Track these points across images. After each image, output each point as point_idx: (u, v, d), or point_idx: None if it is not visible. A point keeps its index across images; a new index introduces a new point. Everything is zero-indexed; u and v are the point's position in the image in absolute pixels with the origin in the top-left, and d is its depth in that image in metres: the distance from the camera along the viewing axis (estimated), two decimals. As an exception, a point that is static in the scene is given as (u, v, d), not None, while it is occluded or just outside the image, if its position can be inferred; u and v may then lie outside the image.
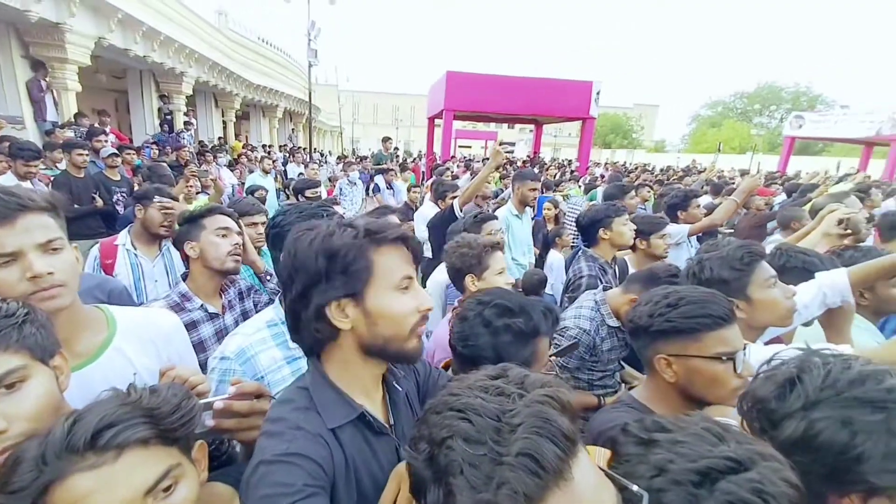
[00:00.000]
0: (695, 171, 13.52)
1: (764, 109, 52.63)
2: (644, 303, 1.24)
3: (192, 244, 1.84)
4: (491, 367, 0.65)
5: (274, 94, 19.56)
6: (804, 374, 0.76)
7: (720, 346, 1.11)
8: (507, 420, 0.53)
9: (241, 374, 1.25)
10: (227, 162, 9.67)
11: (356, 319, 0.85)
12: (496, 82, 12.67)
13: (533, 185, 3.72)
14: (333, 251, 0.82)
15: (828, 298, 1.52)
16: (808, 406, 0.73)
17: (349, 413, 0.86)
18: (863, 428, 0.69)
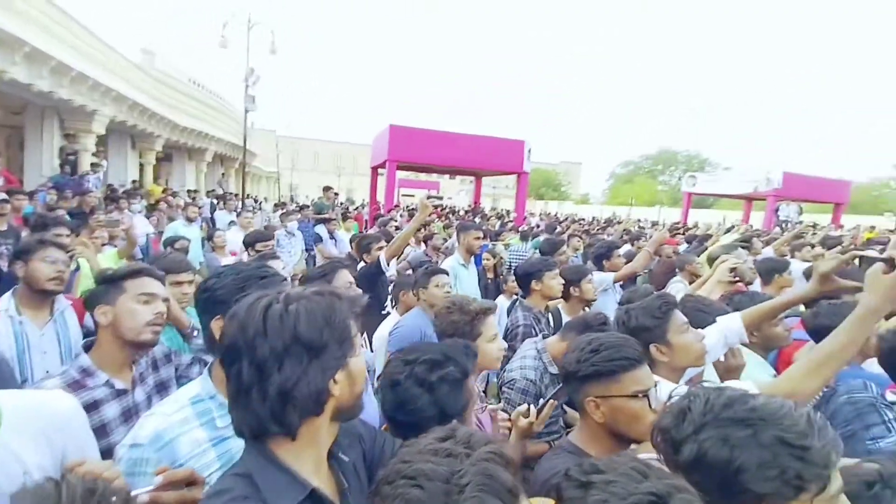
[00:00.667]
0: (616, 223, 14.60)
1: (665, 169, 58.91)
2: (572, 350, 1.35)
3: (105, 309, 1.54)
4: (439, 429, 0.67)
5: (203, 137, 18.74)
6: (691, 403, 0.86)
7: (635, 385, 1.24)
8: (456, 481, 0.56)
9: (157, 462, 1.05)
10: (143, 208, 8.89)
11: (343, 386, 0.83)
12: (437, 137, 13.19)
13: (477, 235, 4.00)
14: (337, 324, 0.82)
15: (728, 339, 1.76)
16: (697, 430, 0.82)
17: (299, 493, 0.79)
18: (737, 443, 0.78)
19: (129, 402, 1.56)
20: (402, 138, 12.82)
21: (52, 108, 10.97)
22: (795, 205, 18.35)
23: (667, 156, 59.17)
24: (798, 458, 0.76)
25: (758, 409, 0.82)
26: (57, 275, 2.12)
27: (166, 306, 1.65)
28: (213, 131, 19.21)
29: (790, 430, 0.78)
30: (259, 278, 1.27)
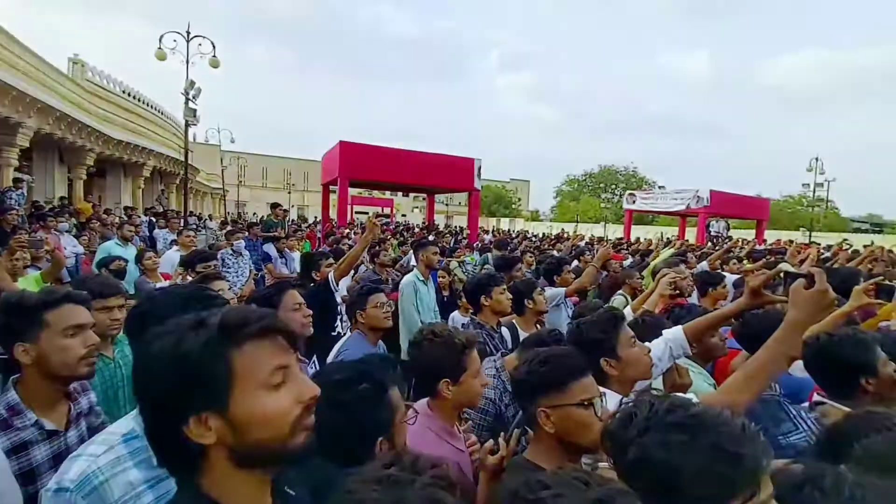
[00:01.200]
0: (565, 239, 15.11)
1: (607, 187, 61.85)
2: (522, 363, 1.39)
3: (25, 347, 1.36)
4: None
5: (140, 152, 17.71)
6: (637, 409, 0.91)
7: (582, 394, 1.28)
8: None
9: None
10: (72, 227, 8.20)
11: (222, 432, 0.71)
12: (387, 154, 13.22)
13: (435, 251, 4.13)
14: (184, 359, 0.69)
15: (674, 352, 1.84)
16: (641, 433, 0.86)
17: None
18: (675, 447, 0.82)
19: (61, 444, 1.41)
20: (353, 155, 12.73)
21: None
22: (724, 221, 19.84)
23: (607, 174, 62.17)
24: (732, 464, 0.79)
25: (698, 415, 0.86)
26: None
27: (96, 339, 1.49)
28: (150, 145, 18.20)
29: (725, 437, 0.81)
30: (197, 300, 1.19)
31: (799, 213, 41.74)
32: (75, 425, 1.48)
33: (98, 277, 2.31)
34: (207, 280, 2.74)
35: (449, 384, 1.60)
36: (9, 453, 1.29)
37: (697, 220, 20.26)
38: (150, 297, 1.23)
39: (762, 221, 21.98)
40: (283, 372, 0.74)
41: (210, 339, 0.70)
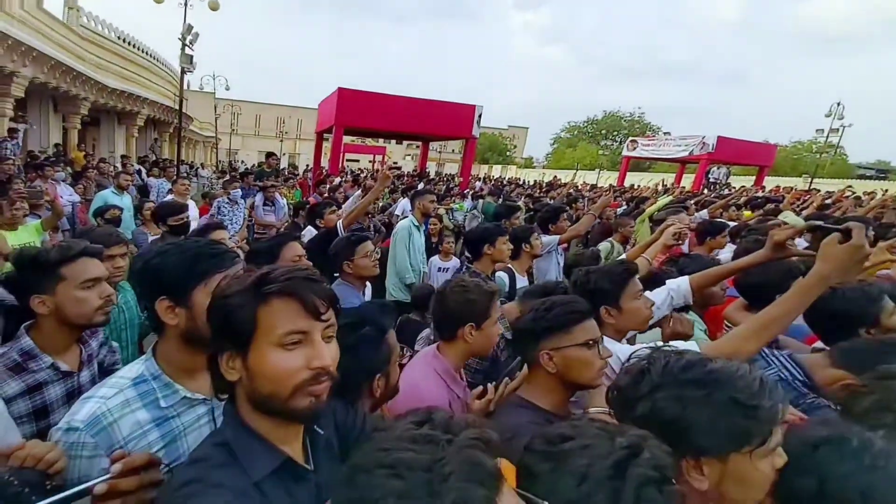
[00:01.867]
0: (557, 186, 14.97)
1: (609, 133, 60.34)
2: (527, 312, 1.43)
3: (42, 299, 1.41)
4: (415, 413, 0.64)
5: (135, 100, 17.13)
6: (651, 365, 0.91)
7: (586, 335, 1.32)
8: (439, 470, 0.53)
9: (94, 446, 1.00)
10: (67, 175, 8.09)
11: (242, 374, 0.81)
12: (387, 101, 12.82)
13: (431, 198, 4.32)
14: (219, 304, 0.81)
15: (674, 301, 1.89)
16: (654, 389, 0.87)
17: (273, 460, 0.81)
18: (690, 402, 0.83)
19: (74, 383, 1.49)
20: (351, 102, 12.37)
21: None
22: (725, 168, 19.50)
23: (611, 120, 60.25)
24: (748, 417, 0.81)
25: (714, 372, 0.86)
26: None
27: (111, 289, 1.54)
28: (145, 94, 17.58)
29: (743, 391, 0.82)
30: (210, 256, 1.17)
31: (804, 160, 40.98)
32: (87, 366, 1.55)
33: (100, 229, 2.33)
34: (209, 230, 2.74)
35: (473, 328, 1.68)
36: (24, 394, 1.37)
37: (697, 167, 19.90)
38: (159, 252, 1.18)
39: (764, 168, 21.61)
40: (299, 336, 0.79)
41: (243, 290, 0.79)
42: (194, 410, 1.16)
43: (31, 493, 0.78)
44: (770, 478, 0.84)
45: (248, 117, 47.61)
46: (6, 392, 1.30)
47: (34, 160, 8.54)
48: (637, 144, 23.60)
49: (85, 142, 16.60)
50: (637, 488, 0.62)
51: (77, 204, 6.45)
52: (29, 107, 12.77)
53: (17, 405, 1.35)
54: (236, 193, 6.11)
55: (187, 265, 1.14)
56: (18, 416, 1.34)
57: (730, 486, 0.84)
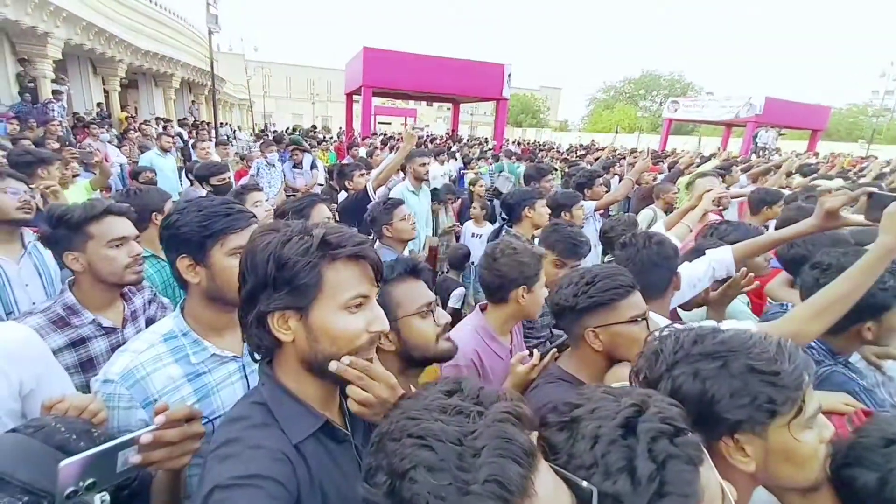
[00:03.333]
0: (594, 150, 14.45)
1: (647, 94, 57.32)
2: (565, 285, 1.32)
3: (74, 256, 1.45)
4: (444, 382, 0.62)
5: (168, 62, 17.32)
6: (663, 343, 0.88)
7: (633, 310, 1.25)
8: (470, 443, 0.51)
9: (129, 398, 1.06)
10: (113, 137, 8.34)
11: (297, 333, 0.79)
12: (413, 60, 12.55)
13: (422, 161, 3.95)
14: (284, 261, 0.76)
15: (717, 272, 1.77)
16: (670, 367, 0.84)
17: (313, 423, 0.81)
18: (708, 375, 0.80)
19: (119, 338, 1.54)
20: (377, 62, 12.15)
21: None
22: (773, 131, 18.31)
23: (650, 80, 57.08)
24: (769, 383, 0.77)
25: (726, 341, 0.83)
26: (23, 204, 1.98)
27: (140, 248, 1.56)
28: (177, 55, 17.71)
29: (759, 357, 0.79)
30: (224, 215, 1.18)
31: (860, 124, 38.07)
32: (132, 322, 1.60)
33: (152, 190, 2.41)
34: (246, 190, 2.80)
35: (525, 290, 1.69)
36: (68, 347, 1.43)
37: (745, 131, 18.73)
38: (178, 210, 1.22)
39: (817, 132, 20.19)
40: (360, 300, 0.80)
41: (309, 249, 0.77)
42: (225, 367, 1.19)
43: (77, 439, 0.81)
44: (820, 452, 0.80)
45: (278, 80, 47.51)
46: (50, 345, 1.35)
47: (80, 122, 8.80)
48: (678, 106, 22.31)
49: (126, 104, 16.99)
50: (649, 443, 0.61)
51: (125, 165, 6.67)
52: (69, 69, 13.06)
53: (63, 357, 1.41)
54: (273, 157, 6.19)
55: (203, 224, 1.15)
56: (66, 367, 1.40)
57: (778, 465, 0.80)
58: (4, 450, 0.75)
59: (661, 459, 0.60)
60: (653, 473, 0.59)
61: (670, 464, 0.60)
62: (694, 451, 0.62)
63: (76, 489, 0.73)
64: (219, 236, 1.16)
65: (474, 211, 4.58)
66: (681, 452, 0.61)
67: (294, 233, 0.79)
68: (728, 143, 20.95)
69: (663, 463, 0.60)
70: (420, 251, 3.86)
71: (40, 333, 1.36)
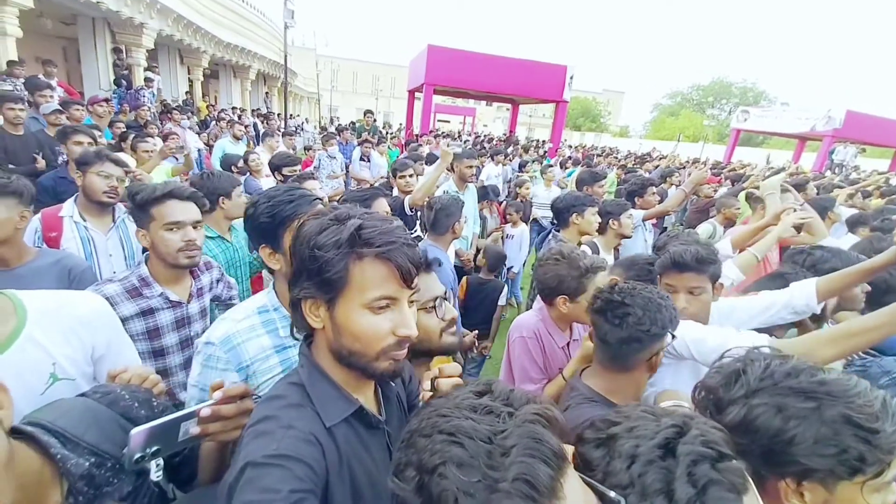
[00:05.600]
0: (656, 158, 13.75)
1: (716, 102, 54.06)
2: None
3: (143, 233, 1.57)
4: (475, 383, 0.62)
5: (246, 55, 18.26)
6: (748, 366, 0.81)
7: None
8: (500, 442, 0.51)
9: (226, 361, 1.14)
10: (194, 124, 8.90)
11: (326, 324, 0.79)
12: (476, 59, 12.51)
13: (469, 163, 3.88)
14: (315, 248, 0.75)
15: (796, 308, 1.57)
16: (749, 394, 0.78)
17: (347, 408, 0.81)
18: (795, 414, 0.73)
19: (183, 312, 1.65)
20: (441, 60, 12.20)
21: (101, 19, 10.80)
22: (853, 147, 16.68)
23: (719, 87, 53.95)
24: (864, 440, 0.71)
25: (827, 382, 0.75)
26: (109, 188, 2.15)
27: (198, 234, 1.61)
28: (255, 48, 18.63)
29: (860, 410, 0.72)
30: (287, 202, 1.25)
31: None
32: (197, 299, 1.71)
33: (222, 176, 2.54)
34: (302, 180, 2.91)
35: (566, 300, 1.68)
36: (138, 315, 1.54)
37: (821, 146, 17.18)
38: (252, 203, 1.29)
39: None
40: (387, 302, 0.77)
41: (339, 240, 0.75)
42: None
43: (139, 407, 0.86)
44: None
45: (346, 74, 48.94)
46: (121, 312, 1.46)
47: (167, 108, 9.46)
48: (749, 115, 20.76)
49: (207, 94, 18.10)
50: (689, 465, 0.58)
51: (203, 151, 7.12)
52: (159, 58, 14.07)
53: (133, 324, 1.53)
54: (334, 150, 6.40)
55: (271, 214, 1.22)
56: (135, 333, 1.53)
57: None
58: (76, 413, 0.80)
59: (701, 484, 0.57)
60: (692, 498, 0.56)
61: (711, 489, 0.56)
62: (737, 478, 0.58)
63: (143, 455, 0.78)
64: (286, 223, 1.22)
65: (511, 215, 4.58)
66: (723, 478, 0.57)
67: (332, 220, 0.78)
68: (800, 158, 19.31)
69: (704, 488, 0.56)
70: (468, 249, 3.85)
71: (116, 300, 1.49)
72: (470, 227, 4.05)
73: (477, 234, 4.25)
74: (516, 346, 1.75)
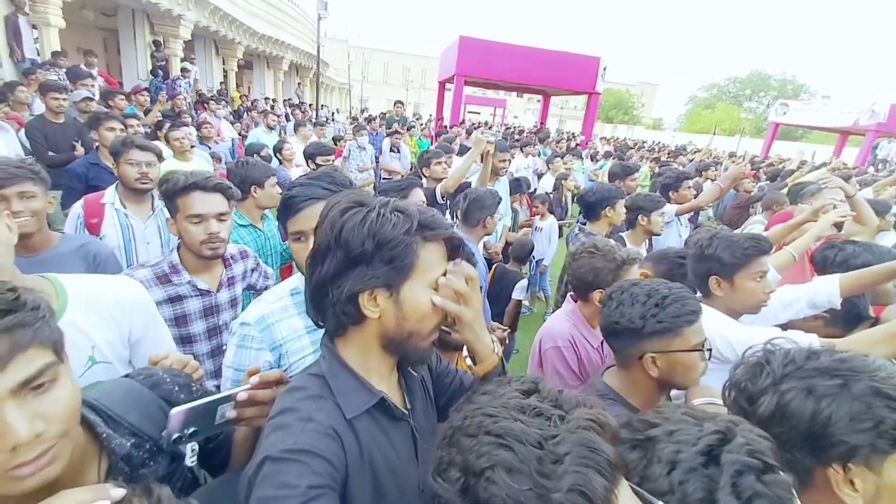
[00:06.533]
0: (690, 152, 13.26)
1: (754, 95, 51.88)
2: (627, 303, 1.19)
3: (172, 222, 1.59)
4: (519, 381, 0.59)
5: (279, 45, 18.48)
6: (769, 356, 0.81)
7: (698, 337, 1.16)
8: (551, 448, 0.48)
9: (260, 340, 1.15)
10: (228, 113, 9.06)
11: (385, 310, 0.78)
12: (507, 51, 12.33)
13: (502, 157, 3.74)
14: (385, 240, 0.75)
15: (817, 305, 1.62)
16: (777, 381, 0.77)
17: (368, 399, 0.80)
18: (825, 393, 0.73)
19: (212, 301, 1.65)
20: (472, 51, 12.07)
21: (141, 11, 11.09)
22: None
23: (758, 79, 51.63)
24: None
25: (847, 360, 0.75)
26: (140, 175, 2.17)
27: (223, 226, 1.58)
28: (288, 38, 18.82)
29: (885, 381, 0.72)
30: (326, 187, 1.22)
31: None
32: (227, 288, 1.70)
33: (256, 164, 2.55)
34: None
35: (602, 294, 1.63)
36: (166, 301, 1.55)
37: (864, 140, 16.25)
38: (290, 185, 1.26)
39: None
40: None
41: (410, 229, 0.76)
42: None
43: (179, 391, 0.88)
44: None
45: (377, 66, 49.06)
46: (153, 297, 1.45)
47: (202, 98, 9.66)
48: (788, 108, 19.81)
49: (241, 84, 18.43)
50: (734, 476, 0.55)
51: (236, 140, 7.25)
52: (196, 49, 14.37)
53: (161, 310, 1.52)
54: (364, 140, 6.41)
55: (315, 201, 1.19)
56: (164, 318, 1.52)
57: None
58: (119, 394, 0.81)
59: (746, 497, 0.54)
60: None
61: (756, 503, 0.54)
62: (784, 492, 0.55)
63: (181, 435, 0.79)
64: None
65: (540, 207, 4.51)
66: (769, 492, 0.54)
67: (388, 211, 0.77)
68: (841, 153, 18.30)
69: (748, 501, 0.54)
70: (497, 242, 3.80)
71: (146, 285, 1.50)
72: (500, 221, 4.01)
73: (507, 226, 4.19)
74: (551, 356, 1.68)
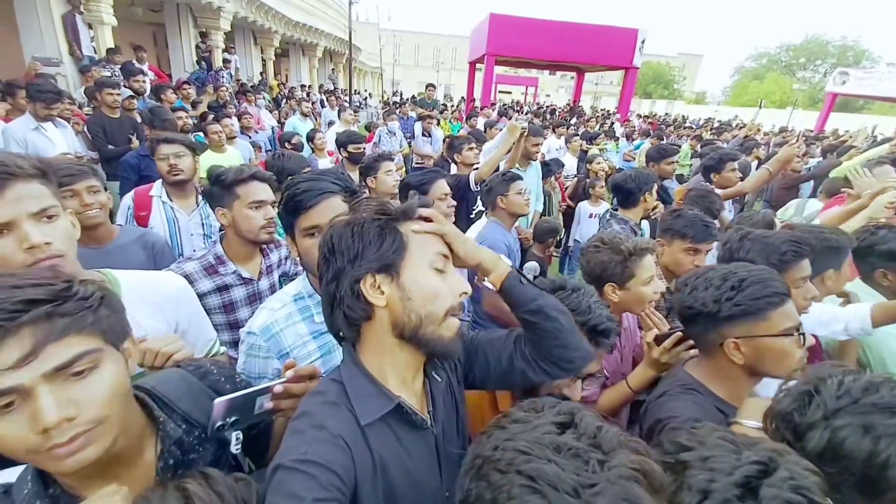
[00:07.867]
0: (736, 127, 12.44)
1: (808, 63, 47.84)
2: (701, 287, 1.11)
3: (223, 211, 1.65)
4: (552, 409, 0.55)
5: (314, 33, 18.58)
6: (820, 384, 0.74)
7: (787, 322, 1.05)
8: (589, 498, 0.44)
9: (267, 349, 1.19)
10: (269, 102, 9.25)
11: (391, 296, 0.79)
12: (539, 27, 11.89)
13: (536, 141, 3.71)
14: (365, 227, 0.79)
15: (849, 331, 1.53)
16: (829, 415, 0.70)
17: (384, 405, 0.79)
18: (885, 433, 0.66)
19: (254, 288, 1.73)
20: (503, 28, 11.71)
21: (184, 5, 11.38)
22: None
23: (814, 46, 47.15)
24: None
25: None
26: (170, 167, 2.25)
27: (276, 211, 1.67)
28: (322, 25, 18.88)
29: None
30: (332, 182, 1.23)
31: None
32: (266, 276, 1.78)
33: (292, 157, 2.60)
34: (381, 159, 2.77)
35: (615, 288, 1.59)
36: (215, 291, 1.63)
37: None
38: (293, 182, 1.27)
39: None
40: (443, 260, 0.83)
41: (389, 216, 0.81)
42: None
43: (225, 382, 0.92)
44: None
45: (407, 48, 48.61)
46: (199, 288, 1.57)
47: (243, 88, 9.90)
48: (848, 77, 17.78)
49: (279, 73, 18.73)
50: None
51: (276, 128, 7.42)
52: (236, 40, 14.65)
53: (210, 299, 1.62)
54: (394, 125, 6.41)
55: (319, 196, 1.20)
56: (212, 307, 1.62)
57: None
58: (173, 382, 0.87)
59: None
60: None
61: None
62: None
63: (223, 423, 0.83)
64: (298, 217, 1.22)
65: (597, 189, 4.26)
66: None
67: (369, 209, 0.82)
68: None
69: None
70: (528, 227, 3.74)
71: (195, 277, 1.58)
72: (532, 205, 3.85)
73: (539, 211, 4.09)
74: None
